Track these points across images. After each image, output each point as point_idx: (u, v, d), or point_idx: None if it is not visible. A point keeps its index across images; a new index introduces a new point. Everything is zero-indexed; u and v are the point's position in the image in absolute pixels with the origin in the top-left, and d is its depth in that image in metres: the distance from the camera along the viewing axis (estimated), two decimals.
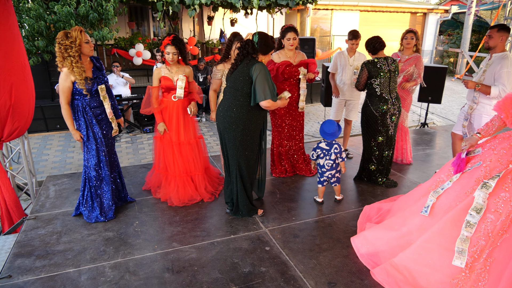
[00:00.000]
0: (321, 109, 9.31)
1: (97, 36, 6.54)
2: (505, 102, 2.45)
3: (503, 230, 2.15)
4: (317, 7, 13.45)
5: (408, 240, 2.52)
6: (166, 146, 3.65)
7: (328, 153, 3.49)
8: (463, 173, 2.45)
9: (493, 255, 2.15)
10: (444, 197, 2.47)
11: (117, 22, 7.24)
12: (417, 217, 2.56)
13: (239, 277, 2.59)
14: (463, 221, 2.25)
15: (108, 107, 3.24)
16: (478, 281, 2.16)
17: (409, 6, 16.38)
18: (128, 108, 7.33)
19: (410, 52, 4.38)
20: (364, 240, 2.80)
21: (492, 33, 3.66)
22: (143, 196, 3.81)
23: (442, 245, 2.31)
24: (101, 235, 3.09)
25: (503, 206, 2.18)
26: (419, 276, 2.36)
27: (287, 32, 3.89)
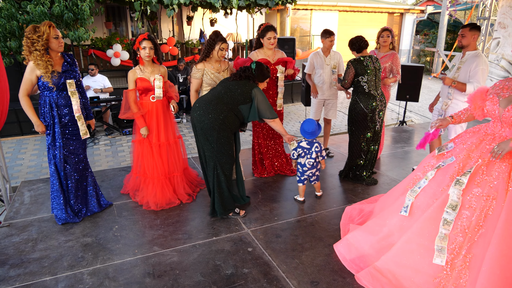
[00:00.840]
0: (301, 109, 9.37)
1: (73, 36, 6.37)
2: (476, 95, 2.53)
3: (478, 225, 2.18)
4: (296, 7, 13.53)
5: (390, 241, 2.53)
6: (146, 149, 3.58)
7: (309, 151, 3.51)
8: (438, 170, 2.49)
9: (471, 251, 2.17)
10: (421, 195, 2.48)
11: (93, 22, 7.06)
12: (396, 217, 2.57)
13: (222, 279, 2.56)
14: (440, 219, 2.27)
15: (76, 103, 3.14)
16: (460, 278, 2.18)
17: (387, 7, 16.69)
18: (107, 110, 7.18)
19: (386, 49, 4.47)
20: (348, 245, 2.78)
21: (465, 32, 3.77)
22: (123, 199, 3.74)
23: (422, 245, 2.32)
24: (79, 241, 3.01)
25: (477, 201, 2.22)
26: (403, 278, 2.36)
27: (267, 32, 3.89)
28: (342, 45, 4.61)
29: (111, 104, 7.08)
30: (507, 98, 2.28)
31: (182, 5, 8.03)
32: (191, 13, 10.42)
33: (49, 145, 3.18)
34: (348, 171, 4.21)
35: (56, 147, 3.15)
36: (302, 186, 3.65)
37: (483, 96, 2.48)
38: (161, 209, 3.52)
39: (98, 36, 9.51)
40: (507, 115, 2.24)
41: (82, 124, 3.22)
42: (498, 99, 2.32)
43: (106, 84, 7.46)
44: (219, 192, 3.26)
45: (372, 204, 3.21)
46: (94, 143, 6.61)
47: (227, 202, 3.32)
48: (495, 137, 2.34)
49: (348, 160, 4.23)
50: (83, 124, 3.22)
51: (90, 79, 7.28)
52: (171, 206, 3.56)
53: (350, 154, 4.17)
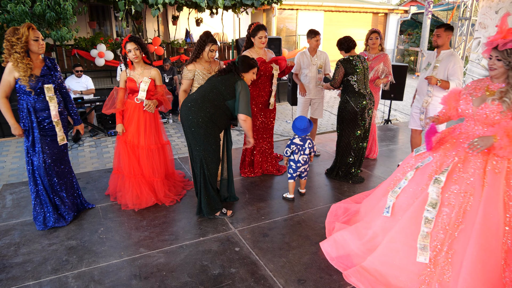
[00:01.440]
0: (288, 108, 9.40)
1: (56, 36, 6.26)
2: (449, 96, 2.61)
3: (458, 221, 2.23)
4: (282, 7, 13.58)
5: (375, 243, 2.57)
6: (123, 147, 3.54)
7: (303, 148, 3.57)
8: (417, 170, 2.54)
9: (453, 247, 2.22)
10: (402, 195, 2.53)
11: (76, 22, 6.95)
12: (380, 219, 2.61)
13: (209, 279, 2.56)
14: (421, 217, 2.32)
15: (54, 109, 3.05)
16: (443, 274, 2.22)
17: (371, 7, 16.90)
18: (91, 110, 7.08)
19: (376, 51, 4.54)
20: (334, 244, 2.81)
21: (440, 32, 3.95)
22: (108, 201, 3.69)
23: (406, 244, 2.36)
24: (63, 244, 2.96)
25: (455, 198, 2.27)
26: (389, 277, 2.41)
27: (259, 31, 3.90)
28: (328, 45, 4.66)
29: (96, 105, 6.98)
30: (479, 97, 2.37)
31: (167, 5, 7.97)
32: (177, 12, 10.35)
33: (27, 149, 3.09)
34: (338, 169, 4.25)
35: (35, 152, 3.07)
36: (292, 183, 3.69)
37: (457, 97, 2.56)
38: (138, 208, 3.48)
39: (82, 35, 9.36)
40: (480, 113, 2.32)
41: (60, 130, 3.11)
42: (471, 99, 2.41)
43: (89, 86, 7.35)
44: (206, 191, 3.26)
45: (357, 204, 3.25)
46: (78, 145, 6.50)
47: (213, 201, 3.31)
48: (469, 136, 2.41)
49: (337, 158, 4.26)
50: (61, 129, 3.12)
51: (74, 80, 7.16)
52: (148, 205, 3.52)
53: (339, 152, 4.21)
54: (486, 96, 2.34)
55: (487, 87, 2.37)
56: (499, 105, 2.23)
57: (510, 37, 2.15)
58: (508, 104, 2.20)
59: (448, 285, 2.18)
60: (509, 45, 2.16)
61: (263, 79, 4.04)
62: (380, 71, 4.52)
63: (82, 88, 7.20)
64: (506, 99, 2.20)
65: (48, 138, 3.10)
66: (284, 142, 5.95)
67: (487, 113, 2.29)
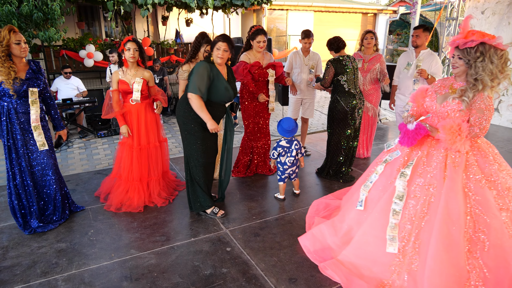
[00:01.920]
0: (279, 108, 9.42)
1: (43, 37, 6.18)
2: (417, 94, 2.71)
3: (423, 212, 2.34)
4: (272, 7, 13.61)
5: (350, 236, 2.67)
6: (126, 152, 3.54)
7: (289, 150, 3.56)
8: (386, 164, 2.65)
9: (419, 237, 2.32)
10: (373, 189, 2.66)
11: (64, 22, 6.87)
12: (353, 212, 2.72)
13: (200, 280, 2.56)
14: (390, 210, 2.43)
15: (35, 113, 2.98)
16: (411, 264, 2.32)
17: (361, 7, 17.03)
18: (80, 112, 7.00)
19: (371, 51, 4.59)
20: (312, 238, 2.89)
21: (419, 33, 4.16)
22: (98, 203, 3.66)
23: (377, 236, 2.46)
24: (53, 247, 2.93)
25: (420, 191, 2.39)
26: (362, 269, 2.51)
27: (257, 35, 3.90)
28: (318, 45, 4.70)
29: (85, 106, 6.91)
30: (443, 95, 2.49)
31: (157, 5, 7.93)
32: (166, 13, 10.30)
33: (6, 153, 3.02)
34: (329, 169, 4.28)
35: (19, 155, 3.02)
36: (283, 185, 3.69)
37: (424, 94, 2.66)
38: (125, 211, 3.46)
39: (70, 36, 9.25)
40: (442, 110, 2.43)
41: (39, 135, 3.03)
42: (436, 96, 2.52)
43: (80, 87, 7.27)
44: (191, 187, 3.31)
45: (339, 200, 3.34)
46: (67, 147, 6.44)
47: (200, 199, 3.33)
48: None
49: (327, 157, 4.29)
50: (40, 134, 3.03)
51: (63, 81, 7.07)
52: (136, 211, 3.49)
53: (330, 152, 4.24)
54: (449, 94, 2.45)
55: (451, 86, 2.48)
56: (459, 103, 2.35)
57: (471, 38, 2.26)
58: (467, 103, 2.31)
59: (416, 274, 2.28)
60: (469, 44, 2.27)
61: (258, 84, 4.05)
62: (376, 72, 4.57)
63: (72, 90, 7.11)
64: (465, 98, 2.32)
65: (32, 140, 3.05)
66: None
67: (448, 111, 2.40)
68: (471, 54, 2.28)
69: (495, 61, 2.26)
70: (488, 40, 2.24)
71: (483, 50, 2.26)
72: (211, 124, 3.07)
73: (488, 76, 2.26)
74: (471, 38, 2.25)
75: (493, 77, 2.28)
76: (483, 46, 2.25)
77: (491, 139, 5.97)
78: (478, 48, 2.26)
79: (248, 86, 4.01)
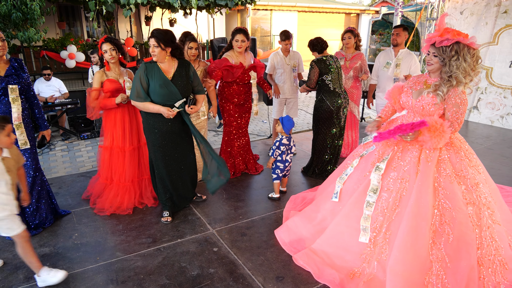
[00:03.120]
0: (264, 108, 9.45)
1: (23, 37, 6.05)
2: (393, 90, 2.80)
3: (395, 205, 2.44)
4: (256, 7, 13.65)
5: (324, 225, 2.78)
6: (115, 155, 3.50)
7: (289, 147, 3.65)
8: (361, 158, 2.74)
9: (390, 228, 2.43)
10: (348, 182, 2.76)
11: (44, 22, 6.73)
12: (328, 203, 2.83)
13: (188, 280, 2.55)
14: (364, 202, 2.53)
15: (16, 111, 2.91)
16: (381, 253, 2.43)
17: (344, 7, 17.24)
18: (62, 114, 6.88)
19: (352, 50, 4.65)
20: (287, 230, 2.99)
21: (400, 32, 4.30)
22: (82, 206, 3.61)
23: (350, 226, 2.57)
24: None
25: (393, 184, 2.48)
26: (335, 258, 2.60)
27: (236, 34, 3.90)
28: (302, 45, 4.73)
29: (67, 107, 6.78)
30: (418, 90, 2.59)
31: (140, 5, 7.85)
32: (150, 13, 10.20)
33: None
34: (314, 167, 4.32)
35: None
36: (278, 183, 3.75)
37: (400, 90, 2.75)
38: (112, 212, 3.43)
39: (51, 36, 9.08)
40: (418, 105, 2.52)
41: (21, 134, 2.95)
42: (411, 92, 2.61)
43: (62, 89, 7.13)
44: (153, 180, 3.40)
45: (313, 192, 3.40)
46: (49, 149, 6.31)
47: (158, 193, 3.40)
48: None
49: (313, 156, 4.33)
50: (22, 133, 2.95)
51: (44, 83, 6.92)
52: (125, 213, 3.46)
53: (315, 150, 4.28)
54: (423, 89, 2.54)
55: (425, 81, 2.58)
56: (434, 97, 2.44)
57: (446, 36, 2.34)
58: (441, 97, 2.41)
59: (386, 263, 2.38)
60: (445, 42, 2.34)
61: (239, 87, 4.06)
62: (358, 70, 4.64)
63: (54, 92, 6.97)
64: (440, 92, 2.41)
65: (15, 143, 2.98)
66: (261, 142, 5.99)
67: (423, 105, 2.48)
68: (446, 52, 2.36)
69: (468, 60, 2.34)
70: (463, 40, 2.32)
71: (457, 49, 2.33)
72: (163, 111, 2.98)
73: (462, 73, 2.35)
74: (447, 36, 2.33)
75: (465, 74, 2.37)
76: (458, 45, 2.33)
77: (471, 136, 6.13)
78: (453, 47, 2.34)
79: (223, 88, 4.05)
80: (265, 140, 6.15)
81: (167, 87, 3.02)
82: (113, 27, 10.63)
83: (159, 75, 3.02)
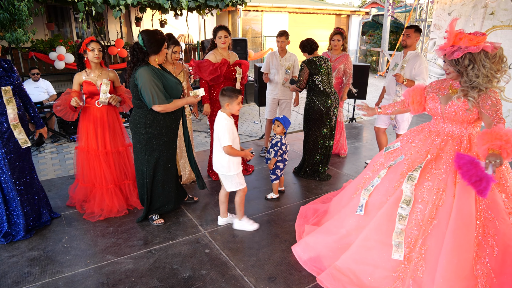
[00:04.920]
0: (255, 109, 9.46)
1: (10, 38, 5.97)
2: (415, 90, 2.67)
3: (431, 217, 2.26)
4: (247, 8, 13.66)
5: (348, 241, 2.56)
6: (91, 157, 3.42)
7: (287, 146, 3.70)
8: (389, 168, 2.57)
9: (426, 243, 2.25)
10: (375, 193, 2.55)
11: (33, 23, 6.65)
12: (353, 217, 2.61)
13: (179, 283, 2.54)
14: (395, 214, 2.34)
15: (12, 112, 2.89)
16: (417, 270, 2.24)
17: (334, 9, 17.34)
18: (52, 116, 6.80)
19: (338, 52, 4.66)
20: (306, 247, 2.79)
21: (410, 33, 4.11)
22: (72, 209, 3.56)
23: (380, 241, 2.37)
24: (25, 256, 2.83)
25: (428, 195, 2.31)
26: (363, 275, 2.40)
27: (218, 31, 3.89)
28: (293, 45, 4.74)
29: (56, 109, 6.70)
30: (445, 95, 2.45)
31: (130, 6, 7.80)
32: (140, 14, 10.14)
33: None
34: (306, 168, 4.33)
35: None
36: (277, 183, 3.78)
37: (422, 92, 2.62)
38: (106, 217, 3.38)
39: (39, 38, 8.97)
40: (449, 110, 2.38)
41: (20, 133, 2.95)
42: (438, 97, 2.48)
43: (50, 91, 7.05)
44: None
45: (326, 204, 3.29)
46: (39, 152, 6.23)
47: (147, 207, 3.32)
48: (439, 133, 2.48)
49: (304, 157, 4.35)
50: (20, 132, 2.95)
51: (32, 84, 6.82)
52: (121, 215, 3.43)
53: (306, 151, 4.29)
54: (450, 94, 2.41)
55: (451, 86, 2.44)
56: (465, 102, 2.29)
57: (458, 45, 2.21)
58: (473, 102, 2.25)
59: (422, 281, 2.21)
60: (456, 54, 2.21)
61: (225, 83, 4.04)
62: (341, 72, 4.65)
63: (42, 93, 6.88)
64: (471, 98, 2.26)
65: (11, 143, 2.93)
66: (253, 142, 5.99)
67: (455, 111, 2.34)
68: (459, 64, 2.23)
69: (487, 65, 2.19)
70: (474, 49, 2.17)
71: (471, 58, 2.19)
72: (190, 100, 3.11)
73: (484, 80, 2.21)
74: (458, 45, 2.20)
75: (488, 79, 2.21)
76: (471, 54, 2.19)
77: None
78: (465, 57, 2.20)
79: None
80: (257, 141, 6.16)
81: (178, 86, 3.08)
82: (103, 28, 10.54)
83: (167, 74, 3.05)
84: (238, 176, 3.03)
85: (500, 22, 6.36)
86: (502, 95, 6.55)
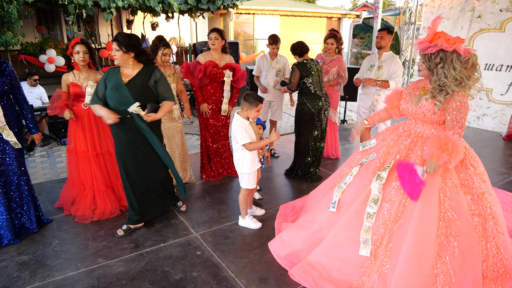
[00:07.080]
0: None
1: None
2: (392, 95, 2.74)
3: (397, 216, 2.33)
4: (239, 11, 13.69)
5: (320, 236, 2.63)
6: (81, 159, 3.41)
7: None
8: (361, 166, 2.63)
9: (392, 240, 2.32)
10: (347, 191, 2.61)
11: (22, 26, 6.60)
12: (325, 213, 2.68)
13: (171, 285, 2.54)
14: (364, 212, 2.41)
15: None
16: (382, 266, 2.32)
17: (325, 12, 17.48)
18: (42, 119, 6.74)
19: (332, 54, 4.71)
20: (281, 243, 2.85)
21: (383, 35, 4.34)
22: (63, 212, 3.54)
23: (349, 238, 2.45)
24: (14, 260, 2.81)
25: (395, 194, 2.37)
26: (332, 270, 2.48)
27: (210, 33, 3.96)
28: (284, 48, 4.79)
29: (47, 112, 6.65)
30: (417, 96, 2.51)
31: (121, 9, 7.78)
32: (131, 16, 10.12)
33: None
34: (297, 170, 4.36)
35: None
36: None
37: (398, 96, 2.69)
38: (99, 219, 3.37)
39: (29, 40, 8.90)
40: (419, 111, 2.44)
41: (8, 135, 2.89)
42: (411, 98, 2.54)
43: (43, 98, 6.98)
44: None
45: (302, 199, 3.33)
46: (29, 155, 6.17)
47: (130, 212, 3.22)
48: (410, 133, 2.54)
49: (295, 159, 4.37)
50: (8, 134, 2.89)
51: (27, 89, 6.71)
52: (113, 216, 3.42)
53: (298, 153, 4.32)
54: (421, 95, 2.47)
55: (423, 87, 2.51)
56: (433, 103, 2.33)
57: (435, 42, 2.24)
58: (439, 106, 2.31)
59: (386, 276, 2.28)
60: (430, 50, 2.24)
61: (213, 84, 4.05)
62: (334, 74, 4.70)
63: (34, 99, 6.80)
64: (437, 102, 2.30)
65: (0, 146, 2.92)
66: None
67: (424, 112, 2.39)
68: (431, 60, 2.26)
69: (457, 67, 2.20)
70: (446, 47, 2.19)
71: (443, 57, 2.22)
72: (103, 114, 2.87)
73: (452, 82, 2.22)
74: (434, 43, 2.23)
75: (457, 82, 2.23)
76: (444, 53, 2.21)
77: None
78: (438, 54, 2.23)
79: (196, 92, 4.04)
80: None
81: (118, 90, 2.88)
82: (93, 31, 10.50)
83: (115, 78, 2.91)
84: (249, 176, 3.12)
85: (487, 25, 6.49)
86: (490, 97, 6.67)
